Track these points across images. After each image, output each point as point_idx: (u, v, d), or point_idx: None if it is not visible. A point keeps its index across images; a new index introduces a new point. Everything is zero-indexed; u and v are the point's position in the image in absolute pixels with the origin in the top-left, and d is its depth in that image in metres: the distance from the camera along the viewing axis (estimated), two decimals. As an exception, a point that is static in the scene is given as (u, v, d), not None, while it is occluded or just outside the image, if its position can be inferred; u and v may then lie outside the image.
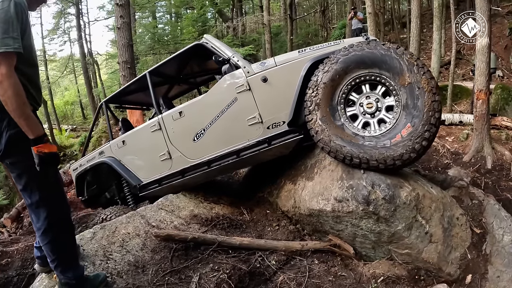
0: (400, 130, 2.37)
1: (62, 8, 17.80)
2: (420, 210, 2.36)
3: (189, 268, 2.31)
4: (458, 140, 6.42)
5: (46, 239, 1.82)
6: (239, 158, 2.92)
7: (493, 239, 2.55)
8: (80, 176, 4.16)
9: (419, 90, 2.34)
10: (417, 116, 2.33)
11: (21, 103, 1.61)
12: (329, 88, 2.55)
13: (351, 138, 2.45)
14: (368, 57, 2.47)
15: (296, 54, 2.81)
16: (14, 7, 1.61)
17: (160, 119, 3.30)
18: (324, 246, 2.56)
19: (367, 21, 7.95)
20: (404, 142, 2.32)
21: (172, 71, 4.13)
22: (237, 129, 2.91)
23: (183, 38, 13.62)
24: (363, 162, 2.39)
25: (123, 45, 8.39)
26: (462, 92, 9.13)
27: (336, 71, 2.53)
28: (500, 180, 4.81)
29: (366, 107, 2.54)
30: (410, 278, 2.31)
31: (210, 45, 3.13)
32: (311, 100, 2.57)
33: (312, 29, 19.15)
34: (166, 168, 3.32)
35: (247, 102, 2.82)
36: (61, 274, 1.87)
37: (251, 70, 2.84)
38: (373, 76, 2.49)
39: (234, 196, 3.74)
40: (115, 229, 2.65)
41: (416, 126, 2.32)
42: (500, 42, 10.99)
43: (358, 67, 2.50)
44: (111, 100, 4.26)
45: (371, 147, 2.38)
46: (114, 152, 3.70)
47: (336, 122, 2.53)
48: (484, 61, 5.34)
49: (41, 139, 1.68)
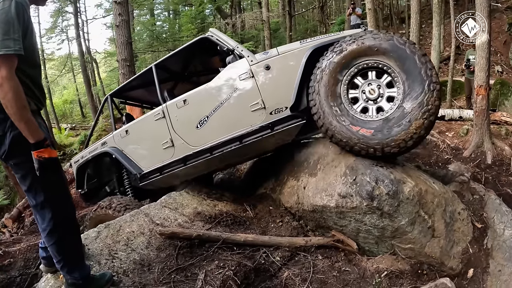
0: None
1: (60, 6, 17.70)
2: (423, 205, 2.39)
3: (194, 265, 2.33)
4: (458, 135, 6.44)
5: (51, 240, 1.82)
6: (242, 144, 2.96)
7: (494, 234, 2.58)
8: (81, 168, 4.16)
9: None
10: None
11: (21, 107, 1.59)
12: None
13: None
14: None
15: (297, 45, 2.91)
16: (15, 8, 1.58)
17: (164, 107, 3.33)
18: (327, 241, 2.58)
19: (367, 17, 7.93)
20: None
21: (177, 66, 4.18)
22: (240, 115, 2.97)
23: (181, 35, 13.58)
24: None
25: (122, 43, 8.34)
26: (461, 88, 9.13)
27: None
28: (500, 175, 4.83)
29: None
30: (413, 273, 2.34)
31: (215, 37, 3.22)
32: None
33: (311, 25, 19.08)
34: (168, 156, 3.34)
35: (250, 88, 2.91)
36: (68, 274, 1.88)
37: (254, 59, 2.93)
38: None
39: (236, 193, 3.76)
40: (119, 227, 2.66)
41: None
42: (499, 38, 10.97)
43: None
44: (116, 93, 4.30)
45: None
46: (117, 142, 3.73)
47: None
48: (484, 56, 5.34)
49: (41, 144, 1.66)
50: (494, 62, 9.90)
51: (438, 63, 8.45)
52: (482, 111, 5.49)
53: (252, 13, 14.12)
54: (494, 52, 9.87)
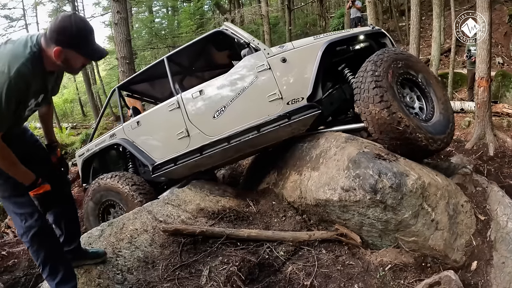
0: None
1: (58, 5, 17.62)
2: (426, 198, 2.38)
3: (198, 262, 2.33)
4: (460, 127, 6.43)
5: (27, 245, 1.81)
6: (259, 133, 3.06)
7: (497, 226, 2.57)
8: (86, 162, 4.12)
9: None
10: None
11: (11, 165, 1.65)
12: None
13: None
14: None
15: (312, 39, 3.11)
16: (7, 89, 1.48)
17: (179, 97, 3.37)
18: (331, 235, 2.58)
19: (367, 10, 7.88)
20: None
21: (189, 59, 4.25)
22: (258, 105, 3.09)
23: (180, 32, 13.50)
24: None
25: (121, 41, 8.30)
26: (462, 80, 9.11)
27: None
28: (503, 167, 4.83)
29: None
30: (417, 266, 2.34)
31: (230, 31, 3.33)
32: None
33: (310, 19, 18.94)
34: (183, 146, 3.36)
35: (268, 80, 3.04)
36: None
37: (270, 52, 3.08)
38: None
39: (239, 188, 3.75)
40: (122, 225, 2.66)
41: None
42: (500, 29, 10.92)
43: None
44: (124, 85, 4.32)
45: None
46: (127, 133, 3.72)
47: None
48: (485, 48, 5.32)
49: (34, 185, 1.72)
50: (495, 53, 9.85)
51: (438, 55, 8.41)
52: (484, 103, 5.48)
53: (251, 8, 14.01)
54: (494, 43, 9.82)
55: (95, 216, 3.71)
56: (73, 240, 2.09)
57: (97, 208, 3.69)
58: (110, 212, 3.73)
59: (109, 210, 3.73)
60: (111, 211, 3.72)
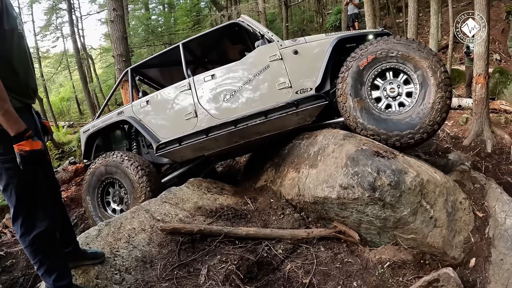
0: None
1: (54, 3, 17.46)
2: (424, 195, 2.38)
3: (197, 260, 2.32)
4: (458, 124, 6.43)
5: (23, 245, 1.74)
6: (266, 119, 3.18)
7: (495, 223, 2.57)
8: (90, 137, 4.11)
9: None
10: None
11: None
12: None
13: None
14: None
15: (323, 36, 3.29)
16: None
17: (191, 80, 3.49)
18: (329, 233, 2.58)
19: (364, 6, 7.86)
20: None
21: (203, 49, 4.41)
22: (267, 92, 3.24)
23: (177, 29, 13.42)
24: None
25: (117, 38, 8.24)
26: (460, 76, 9.10)
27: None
28: (500, 164, 4.84)
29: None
30: (415, 263, 2.34)
31: (246, 23, 3.49)
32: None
33: (307, 15, 18.88)
34: (190, 127, 3.43)
35: (279, 69, 3.21)
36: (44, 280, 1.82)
37: (283, 44, 3.26)
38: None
39: (236, 186, 3.74)
40: (120, 225, 2.64)
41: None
42: (497, 26, 10.90)
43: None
44: (136, 68, 4.39)
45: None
46: (135, 111, 3.76)
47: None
48: (483, 45, 5.32)
49: (21, 136, 1.50)
50: (493, 50, 9.85)
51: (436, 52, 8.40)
52: (482, 99, 5.48)
53: (248, 5, 13.92)
54: (492, 40, 9.80)
55: (95, 192, 3.72)
56: (70, 241, 2.06)
57: (99, 184, 3.70)
58: (109, 193, 3.76)
59: (108, 190, 3.75)
60: (110, 191, 3.74)
